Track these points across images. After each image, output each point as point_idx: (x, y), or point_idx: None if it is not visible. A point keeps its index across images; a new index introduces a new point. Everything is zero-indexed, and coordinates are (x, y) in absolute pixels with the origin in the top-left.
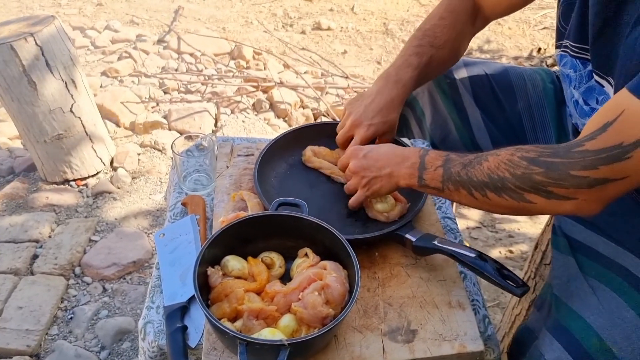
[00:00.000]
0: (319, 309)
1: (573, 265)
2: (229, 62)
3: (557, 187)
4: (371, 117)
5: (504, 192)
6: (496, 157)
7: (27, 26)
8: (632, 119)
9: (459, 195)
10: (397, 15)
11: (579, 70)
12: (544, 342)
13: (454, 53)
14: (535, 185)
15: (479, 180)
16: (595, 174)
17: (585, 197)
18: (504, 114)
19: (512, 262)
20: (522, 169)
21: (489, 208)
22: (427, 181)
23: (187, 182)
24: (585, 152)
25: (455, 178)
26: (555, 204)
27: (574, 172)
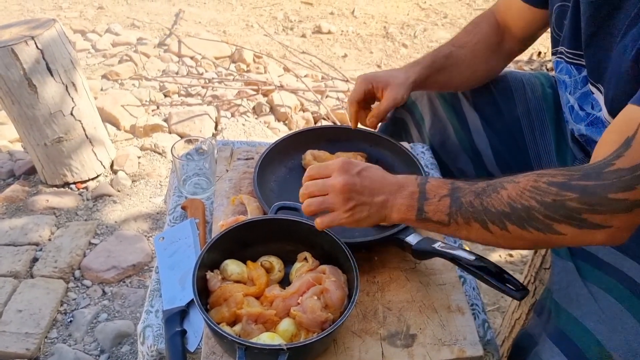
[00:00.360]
0: (317, 314)
1: (573, 271)
2: (229, 66)
3: (593, 214)
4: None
5: (529, 223)
6: (516, 185)
7: (28, 29)
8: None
9: (469, 230)
10: (397, 19)
11: (573, 76)
12: (544, 349)
13: (475, 55)
14: (569, 213)
15: (497, 211)
16: (634, 196)
17: (620, 224)
18: (503, 119)
19: (512, 266)
20: (552, 195)
21: (504, 243)
22: (430, 214)
23: (186, 185)
24: (619, 172)
25: (466, 209)
26: (587, 234)
27: (613, 195)
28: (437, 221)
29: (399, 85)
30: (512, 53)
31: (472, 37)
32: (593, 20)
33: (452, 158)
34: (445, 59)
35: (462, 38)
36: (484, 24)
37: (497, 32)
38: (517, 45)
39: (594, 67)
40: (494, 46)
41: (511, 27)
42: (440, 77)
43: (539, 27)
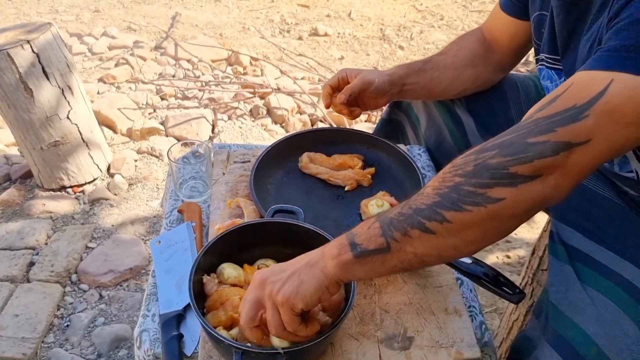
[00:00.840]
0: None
1: (571, 274)
2: (226, 68)
3: (519, 165)
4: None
5: (463, 201)
6: (436, 177)
7: (24, 33)
8: (582, 85)
9: (412, 243)
10: (393, 21)
11: (554, 80)
12: (543, 353)
13: (456, 60)
14: (495, 172)
15: (428, 205)
16: (555, 137)
17: (552, 170)
18: (497, 121)
19: (509, 267)
20: (471, 162)
21: (455, 240)
22: (364, 244)
23: (183, 189)
24: (537, 120)
25: (398, 219)
26: (525, 190)
27: (532, 140)
28: (375, 249)
29: (370, 71)
30: (504, 65)
31: (454, 45)
32: (566, 22)
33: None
34: (424, 63)
35: (445, 48)
36: (468, 36)
37: (481, 44)
38: (507, 57)
39: (569, 68)
40: (478, 54)
41: (498, 39)
42: (420, 79)
43: (524, 40)
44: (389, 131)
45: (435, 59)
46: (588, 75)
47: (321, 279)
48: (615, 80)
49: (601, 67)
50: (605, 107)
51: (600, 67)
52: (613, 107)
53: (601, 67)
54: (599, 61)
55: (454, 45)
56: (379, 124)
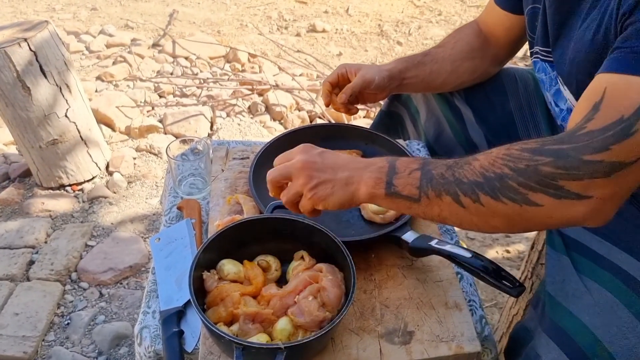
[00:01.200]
0: (315, 314)
1: (568, 265)
2: (224, 65)
3: (569, 180)
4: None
5: (503, 193)
6: (489, 155)
7: (21, 31)
8: (619, 92)
9: (440, 206)
10: (391, 17)
11: (548, 73)
12: (540, 343)
13: (454, 52)
14: (543, 179)
15: (470, 181)
16: (609, 157)
17: (601, 193)
18: (495, 113)
19: (509, 261)
20: (525, 161)
21: (478, 220)
22: (399, 187)
23: (182, 186)
24: (591, 133)
25: (438, 181)
26: (566, 205)
27: (587, 157)
28: (407, 196)
29: (369, 67)
30: (500, 57)
31: (451, 38)
32: (558, 13)
33: (447, 152)
34: (423, 56)
35: (443, 40)
36: (465, 29)
37: (478, 36)
38: (503, 50)
39: (559, 59)
40: (475, 46)
41: (494, 33)
42: (419, 72)
43: (518, 34)
44: (388, 124)
45: (434, 52)
46: (621, 80)
47: (349, 198)
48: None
49: (632, 71)
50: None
51: (632, 72)
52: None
53: (633, 72)
54: (627, 64)
55: (451, 38)
56: (378, 116)
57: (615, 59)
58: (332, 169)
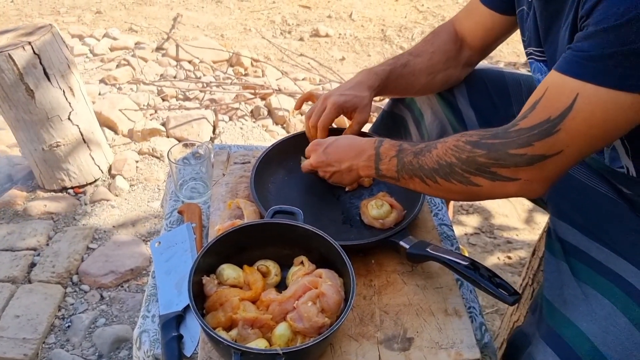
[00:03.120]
0: (314, 320)
1: (566, 271)
2: (227, 69)
3: (499, 168)
4: (342, 90)
5: (452, 177)
6: (444, 144)
7: (25, 34)
8: (555, 93)
9: (414, 184)
10: (395, 22)
11: (544, 72)
12: (537, 349)
13: (431, 64)
14: (480, 167)
15: (429, 168)
16: (532, 151)
17: (527, 176)
18: (498, 116)
19: (510, 268)
20: (466, 152)
21: (441, 194)
22: (384, 171)
23: (183, 190)
24: (520, 131)
25: (408, 167)
26: (500, 185)
27: (512, 151)
28: (390, 177)
29: (365, 106)
30: (471, 61)
31: (429, 46)
32: (545, 14)
33: None
34: (403, 67)
35: (420, 47)
36: (442, 33)
37: (455, 41)
38: (477, 53)
39: (550, 57)
40: (452, 54)
41: (468, 36)
42: (398, 85)
43: (497, 36)
44: (390, 125)
45: (412, 63)
46: (560, 80)
47: (355, 178)
48: (581, 95)
49: (571, 73)
50: (574, 123)
51: (570, 73)
52: (579, 122)
53: (571, 74)
54: (569, 65)
55: (428, 46)
56: (380, 117)
57: (563, 58)
58: (336, 162)
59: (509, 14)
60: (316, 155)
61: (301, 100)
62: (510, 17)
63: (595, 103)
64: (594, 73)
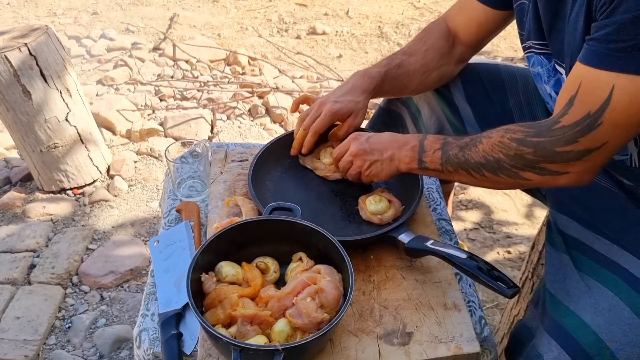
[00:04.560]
0: (313, 316)
1: (568, 263)
2: (224, 68)
3: (548, 164)
4: (338, 95)
5: (500, 171)
6: (489, 140)
7: (21, 36)
8: (589, 88)
9: (459, 176)
10: (391, 19)
11: (545, 65)
12: (541, 342)
13: (425, 62)
14: (529, 163)
15: (476, 162)
16: (577, 147)
17: (576, 169)
18: (495, 111)
19: (510, 262)
20: (513, 150)
21: (489, 185)
22: (427, 163)
23: (181, 188)
24: (563, 129)
25: (453, 160)
26: (550, 179)
27: (559, 149)
28: (433, 169)
29: (359, 110)
30: (464, 57)
31: (422, 44)
32: (548, 5)
33: None
34: (397, 68)
35: (413, 46)
36: (434, 31)
37: (447, 38)
38: (469, 49)
39: (557, 49)
40: (445, 51)
41: (461, 32)
42: (393, 86)
43: (490, 30)
44: (387, 122)
45: (406, 63)
46: (592, 74)
47: (394, 171)
48: (617, 86)
49: (603, 65)
50: (614, 114)
51: (603, 66)
52: (619, 113)
53: (603, 66)
54: (600, 57)
55: (421, 44)
56: (377, 113)
57: (590, 51)
58: (378, 151)
59: (503, 9)
60: (358, 142)
61: (297, 103)
62: (503, 11)
63: (632, 92)
64: (627, 63)
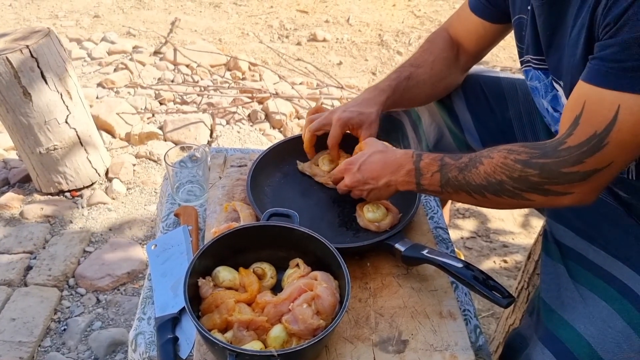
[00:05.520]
0: (309, 322)
1: (563, 273)
2: (224, 73)
3: (553, 185)
4: (348, 107)
5: (503, 193)
6: (491, 160)
7: (23, 38)
8: (594, 107)
9: (459, 197)
10: (392, 27)
11: (542, 80)
12: (535, 351)
13: (434, 73)
14: (533, 185)
15: (477, 184)
16: (584, 168)
17: (580, 190)
18: (495, 120)
19: (506, 272)
20: (517, 172)
21: (488, 205)
22: (426, 186)
23: (179, 192)
24: (569, 149)
25: (453, 182)
26: (554, 199)
27: (565, 170)
28: (432, 191)
29: (372, 122)
30: (468, 66)
31: (429, 55)
32: (548, 21)
33: None
34: (407, 80)
35: (420, 57)
36: (438, 41)
37: (451, 47)
38: (471, 59)
39: (555, 66)
40: (451, 61)
41: (463, 42)
42: (404, 98)
43: (490, 42)
44: (388, 128)
45: (415, 75)
46: (597, 93)
47: (393, 192)
48: (622, 106)
49: (608, 85)
50: (620, 134)
51: (607, 86)
52: (625, 133)
53: (608, 86)
54: (604, 77)
55: (428, 55)
56: None
57: (594, 70)
58: (372, 179)
59: (500, 22)
60: (350, 175)
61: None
62: (501, 25)
63: (638, 112)
64: (632, 83)
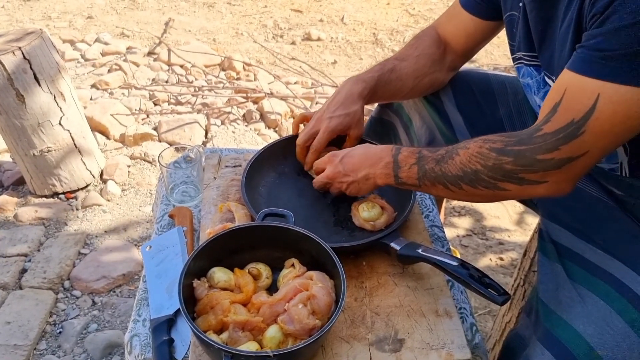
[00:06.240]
0: (305, 322)
1: (561, 273)
2: (219, 73)
3: (527, 173)
4: (333, 110)
5: (478, 183)
6: (466, 151)
7: (16, 39)
8: (575, 95)
9: (436, 190)
10: (386, 26)
11: (534, 76)
12: (534, 352)
13: (417, 67)
14: (507, 173)
15: (453, 175)
16: (559, 155)
17: (555, 178)
18: (485, 120)
19: (502, 269)
20: (492, 160)
21: (465, 198)
22: (404, 179)
23: (174, 193)
24: (545, 136)
25: (430, 174)
26: (528, 188)
27: (540, 157)
28: (410, 184)
29: (358, 121)
30: (455, 65)
31: (414, 50)
32: (539, 16)
33: None
34: (390, 72)
35: (405, 52)
36: (425, 37)
37: (438, 45)
38: (459, 57)
39: (546, 62)
40: (436, 57)
41: (451, 40)
42: (387, 90)
43: (479, 40)
44: (380, 131)
45: (399, 68)
46: (579, 81)
47: (372, 187)
48: (602, 95)
49: (590, 73)
50: (597, 123)
51: (589, 74)
52: (603, 122)
53: (590, 74)
54: (587, 65)
55: (413, 50)
56: (369, 122)
57: (578, 58)
58: (352, 172)
59: (492, 19)
60: (332, 166)
61: (296, 124)
62: (492, 22)
63: (617, 102)
64: (614, 72)
